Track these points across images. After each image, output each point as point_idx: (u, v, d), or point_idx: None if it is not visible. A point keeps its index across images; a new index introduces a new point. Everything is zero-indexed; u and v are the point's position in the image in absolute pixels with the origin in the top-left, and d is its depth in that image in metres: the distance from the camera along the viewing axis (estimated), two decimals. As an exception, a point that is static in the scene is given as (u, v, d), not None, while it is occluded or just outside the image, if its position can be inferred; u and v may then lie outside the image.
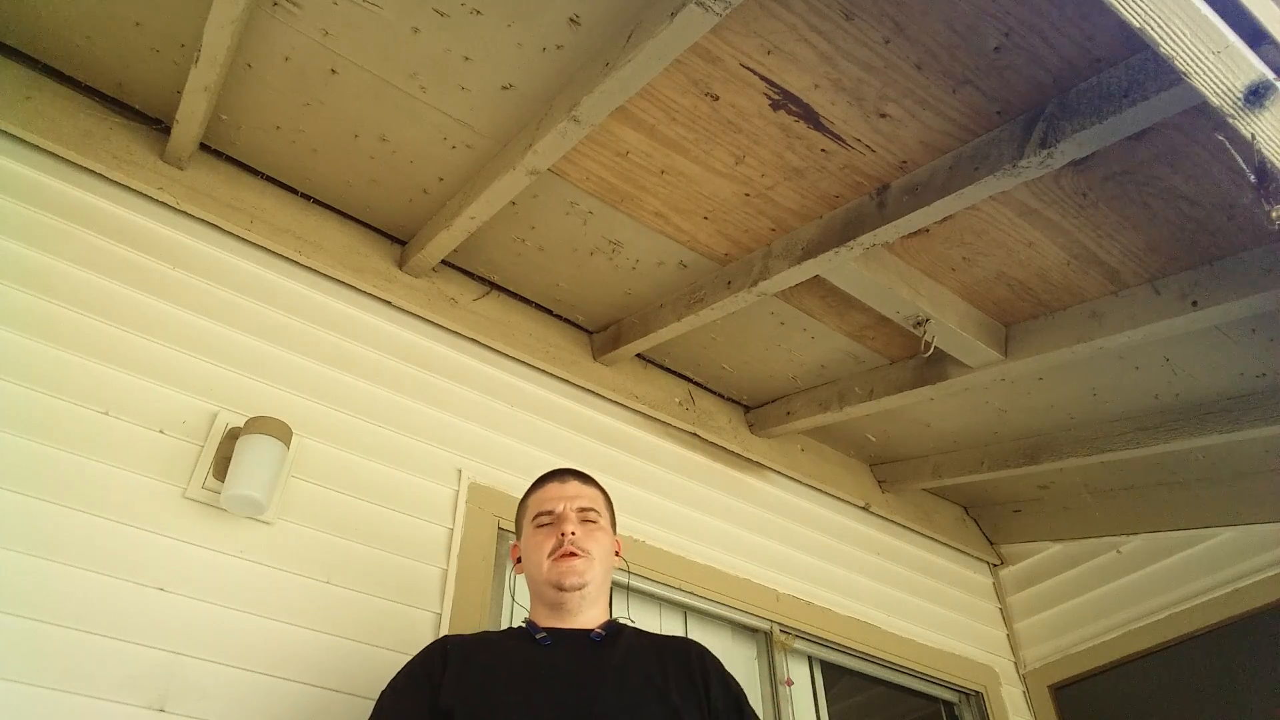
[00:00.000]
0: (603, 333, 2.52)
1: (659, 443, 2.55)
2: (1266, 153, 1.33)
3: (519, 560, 1.55)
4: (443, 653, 1.36)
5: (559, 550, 1.44)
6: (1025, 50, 1.54)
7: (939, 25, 1.52)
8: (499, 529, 2.03)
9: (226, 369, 1.83)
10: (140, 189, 1.88)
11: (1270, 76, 1.29)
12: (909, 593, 2.89)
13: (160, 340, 1.77)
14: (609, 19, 1.59)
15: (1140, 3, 1.22)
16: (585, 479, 1.60)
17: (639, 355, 2.61)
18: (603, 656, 1.37)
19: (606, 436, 2.43)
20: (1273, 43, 1.30)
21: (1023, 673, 3.03)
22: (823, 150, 1.81)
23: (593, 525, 1.50)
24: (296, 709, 1.56)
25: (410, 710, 1.29)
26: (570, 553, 1.44)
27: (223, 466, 1.67)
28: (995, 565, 3.30)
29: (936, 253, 2.06)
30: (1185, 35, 1.25)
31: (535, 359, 2.35)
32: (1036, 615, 3.10)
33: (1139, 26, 1.23)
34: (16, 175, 1.77)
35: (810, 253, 1.95)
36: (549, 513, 1.50)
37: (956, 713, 2.82)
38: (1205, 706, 2.53)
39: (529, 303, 2.43)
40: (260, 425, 1.70)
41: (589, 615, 1.44)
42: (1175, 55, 1.26)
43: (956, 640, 2.91)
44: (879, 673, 2.66)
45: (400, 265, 2.20)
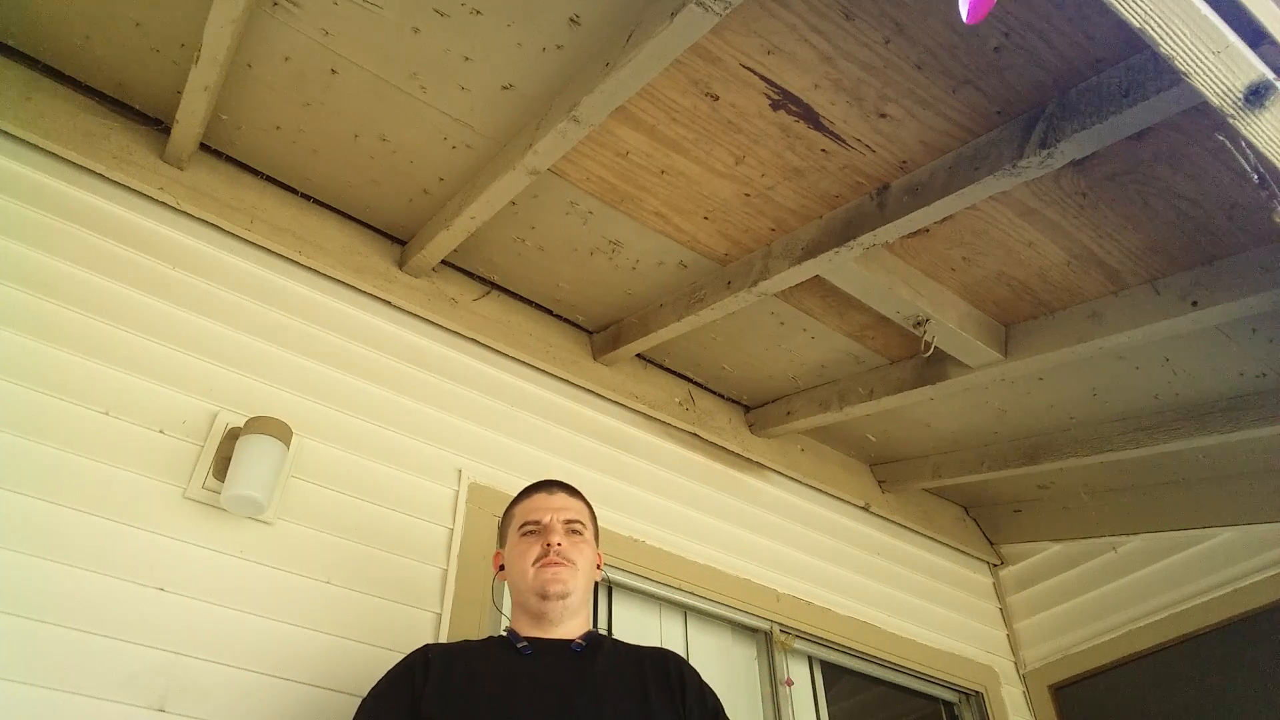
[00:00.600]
0: (603, 333, 2.52)
1: (659, 443, 2.55)
2: (1267, 153, 1.33)
3: (501, 568, 1.57)
4: (424, 661, 1.37)
5: (544, 559, 1.46)
6: (1025, 50, 1.54)
7: (939, 25, 1.52)
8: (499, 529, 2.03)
9: (226, 369, 1.83)
10: (140, 189, 1.88)
11: (1270, 76, 1.29)
12: (909, 593, 2.89)
13: (160, 340, 1.77)
14: (609, 19, 1.59)
15: (1140, 3, 1.22)
16: (572, 491, 1.62)
17: (639, 355, 2.61)
18: (583, 667, 1.39)
19: (606, 436, 2.43)
20: (1273, 43, 1.30)
21: (1023, 673, 3.03)
22: (823, 150, 1.81)
23: (578, 537, 1.53)
24: (296, 709, 1.56)
25: (391, 719, 1.30)
26: (555, 561, 1.46)
27: (223, 466, 1.67)
28: (995, 565, 3.30)
29: (936, 253, 2.06)
30: (1185, 35, 1.25)
31: (535, 359, 2.35)
32: (1036, 615, 3.10)
33: (1139, 26, 1.23)
34: (16, 175, 1.77)
35: (810, 253, 1.95)
36: (535, 522, 1.52)
37: (956, 713, 2.82)
38: (1205, 706, 2.53)
39: (529, 303, 2.43)
40: (260, 425, 1.70)
41: (570, 626, 1.46)
42: (1175, 55, 1.26)
43: (956, 640, 2.90)
44: (879, 673, 2.65)
45: (400, 265, 2.20)
